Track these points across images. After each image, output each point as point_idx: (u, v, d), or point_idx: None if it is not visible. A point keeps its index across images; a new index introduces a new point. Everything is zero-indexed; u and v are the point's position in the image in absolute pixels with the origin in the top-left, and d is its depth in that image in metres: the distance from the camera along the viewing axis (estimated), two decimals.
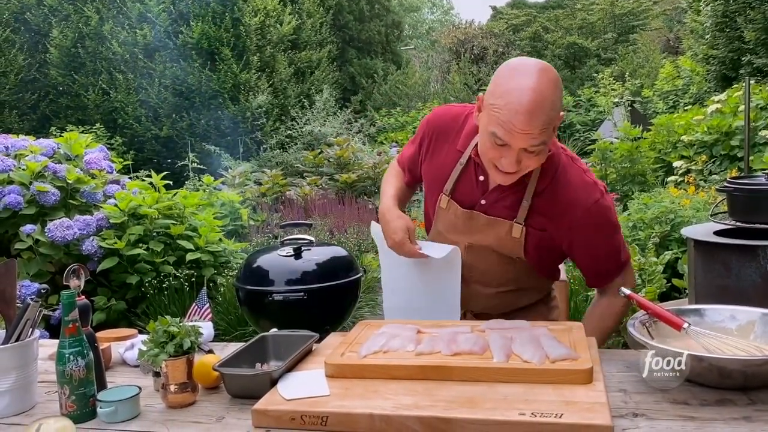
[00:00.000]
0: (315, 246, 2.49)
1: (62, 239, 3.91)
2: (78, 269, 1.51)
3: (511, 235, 1.65)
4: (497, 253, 1.72)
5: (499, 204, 1.68)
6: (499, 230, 1.67)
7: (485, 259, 1.73)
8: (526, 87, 1.44)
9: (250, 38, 14.31)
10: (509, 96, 1.45)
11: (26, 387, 1.44)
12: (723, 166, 6.92)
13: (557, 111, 1.49)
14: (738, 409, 1.18)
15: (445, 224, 1.78)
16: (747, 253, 2.58)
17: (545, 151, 1.54)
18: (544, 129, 1.46)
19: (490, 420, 1.14)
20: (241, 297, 2.53)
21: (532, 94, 1.43)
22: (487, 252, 1.72)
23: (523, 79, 1.46)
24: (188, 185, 8.47)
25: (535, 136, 1.45)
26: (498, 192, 1.68)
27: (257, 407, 1.26)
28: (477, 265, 1.75)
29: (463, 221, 1.73)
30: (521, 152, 1.49)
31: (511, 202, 1.66)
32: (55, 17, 13.96)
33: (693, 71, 14.66)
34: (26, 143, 4.44)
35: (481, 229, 1.70)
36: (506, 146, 1.49)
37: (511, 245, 1.68)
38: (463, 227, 1.73)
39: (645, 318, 1.45)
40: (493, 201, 1.68)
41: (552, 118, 1.47)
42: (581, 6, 32.49)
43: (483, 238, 1.71)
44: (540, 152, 1.51)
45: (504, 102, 1.45)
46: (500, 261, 1.73)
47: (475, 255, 1.74)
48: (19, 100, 14.13)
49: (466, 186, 1.73)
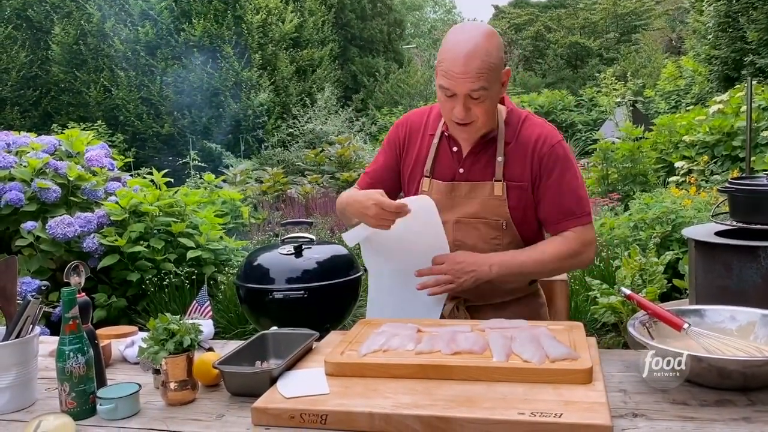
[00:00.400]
0: (316, 244, 2.49)
1: (63, 236, 3.91)
2: (79, 266, 1.51)
3: (494, 194, 1.75)
4: (484, 224, 1.77)
5: (475, 168, 1.78)
6: (482, 193, 1.77)
7: (472, 233, 1.79)
8: (461, 39, 1.65)
9: (252, 36, 14.32)
10: (448, 50, 1.65)
11: (26, 384, 1.44)
12: (725, 166, 6.91)
13: (495, 61, 1.64)
14: (738, 409, 1.18)
15: None
16: (748, 253, 2.58)
17: (491, 100, 1.68)
18: (480, 73, 1.61)
19: (489, 419, 1.13)
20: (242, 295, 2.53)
21: (465, 43, 1.63)
22: (474, 225, 1.78)
23: (459, 35, 1.67)
24: (189, 183, 8.47)
25: (473, 80, 1.61)
26: (472, 157, 1.79)
27: (257, 405, 1.26)
28: (465, 241, 1.79)
29: (446, 196, 1.80)
30: (467, 99, 1.64)
31: (485, 163, 1.78)
32: (57, 14, 13.98)
33: (695, 71, 14.65)
34: (28, 140, 4.45)
35: (465, 199, 1.79)
36: (454, 96, 1.65)
37: (496, 206, 1.76)
38: (447, 202, 1.79)
39: (645, 318, 1.45)
40: (470, 166, 1.79)
41: (489, 64, 1.62)
42: (584, 5, 32.46)
43: (468, 207, 1.78)
44: (485, 99, 1.65)
45: (444, 56, 1.66)
46: (487, 231, 1.78)
47: (463, 230, 1.79)
48: (21, 97, 14.16)
49: (443, 161, 1.83)
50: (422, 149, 1.87)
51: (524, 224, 1.79)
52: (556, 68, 28.74)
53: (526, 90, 21.33)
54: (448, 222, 1.78)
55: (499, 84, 1.69)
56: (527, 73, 26.81)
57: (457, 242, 1.79)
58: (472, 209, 1.77)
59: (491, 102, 1.68)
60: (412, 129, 1.92)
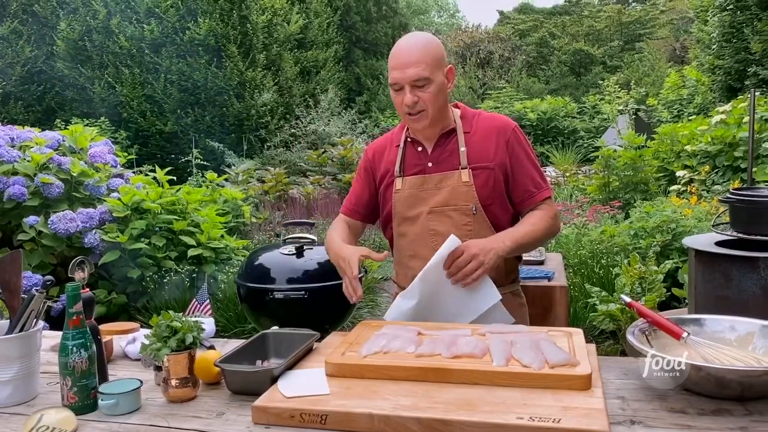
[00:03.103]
0: (317, 245, 2.50)
1: (65, 231, 3.92)
2: (84, 262, 1.52)
3: (462, 180, 1.89)
4: (454, 210, 1.89)
5: (442, 159, 1.93)
6: (451, 181, 1.90)
7: (445, 221, 1.90)
8: (403, 40, 1.89)
9: (257, 36, 14.34)
10: (392, 50, 1.88)
11: (29, 377, 1.45)
12: (726, 176, 6.91)
13: (433, 53, 1.83)
14: (735, 419, 1.18)
15: (404, 204, 1.96)
16: (748, 264, 2.58)
17: (437, 88, 1.83)
18: (419, 61, 1.80)
19: (488, 423, 1.14)
20: (242, 294, 2.54)
21: (405, 41, 1.88)
22: (446, 213, 1.90)
23: (402, 39, 1.91)
24: (191, 181, 8.48)
25: (413, 67, 1.79)
26: (438, 151, 1.94)
27: (257, 404, 1.27)
28: (438, 229, 1.90)
29: (418, 190, 1.94)
30: (413, 88, 1.82)
31: (450, 154, 1.93)
32: (63, 10, 13.99)
33: (698, 81, 14.65)
34: (31, 135, 4.46)
35: (436, 189, 1.92)
36: (402, 89, 1.84)
37: (465, 192, 1.89)
38: (420, 194, 1.93)
39: (645, 326, 1.46)
40: (437, 159, 1.94)
41: (427, 54, 1.81)
42: (588, 13, 32.50)
43: (439, 196, 1.91)
44: (429, 86, 1.82)
45: (391, 56, 1.87)
46: (459, 218, 1.89)
47: (436, 219, 1.91)
48: (25, 92, 14.17)
49: (411, 161, 1.98)
50: (390, 157, 2.02)
51: (492, 206, 1.91)
52: (560, 75, 28.76)
53: (529, 96, 21.34)
54: (422, 213, 1.92)
55: (443, 76, 1.86)
56: (530, 79, 26.82)
57: (431, 231, 1.91)
58: (443, 198, 1.90)
59: (437, 91, 1.83)
60: (378, 149, 2.08)
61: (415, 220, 1.94)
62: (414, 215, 1.94)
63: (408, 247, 1.97)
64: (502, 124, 1.96)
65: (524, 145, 1.96)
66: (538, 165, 1.99)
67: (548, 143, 15.47)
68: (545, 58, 29.96)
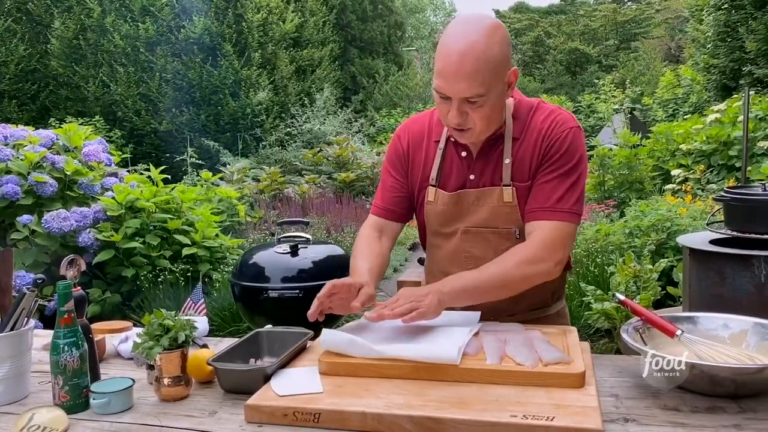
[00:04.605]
0: (312, 244, 2.49)
1: (59, 230, 3.90)
2: (75, 260, 1.51)
3: (503, 200, 1.60)
4: (493, 233, 1.64)
5: (486, 171, 1.62)
6: (491, 200, 1.62)
7: (481, 243, 1.65)
8: (458, 33, 1.45)
9: (252, 35, 14.31)
10: (443, 45, 1.46)
11: (20, 376, 1.44)
12: (720, 175, 6.94)
13: (496, 60, 1.44)
14: (728, 416, 1.18)
15: (437, 219, 1.70)
16: (742, 262, 2.59)
17: (492, 104, 1.50)
18: (476, 75, 1.43)
19: (481, 421, 1.14)
20: (237, 293, 2.53)
21: (460, 39, 1.43)
22: (483, 235, 1.65)
23: (456, 28, 1.47)
24: (186, 180, 8.47)
25: (468, 82, 1.43)
26: (482, 160, 1.63)
27: (250, 402, 1.26)
28: (473, 252, 1.66)
29: (452, 207, 1.66)
30: (463, 103, 1.47)
31: (495, 166, 1.61)
32: (57, 8, 13.94)
33: (693, 80, 14.70)
34: (25, 133, 4.44)
35: (473, 207, 1.64)
36: (449, 99, 1.48)
37: (507, 214, 1.61)
38: (454, 213, 1.66)
39: (639, 324, 1.46)
40: (481, 170, 1.63)
41: (487, 64, 1.43)
42: (584, 12, 32.58)
43: (476, 216, 1.64)
44: (483, 104, 1.47)
45: (439, 52, 1.47)
46: (498, 242, 1.63)
47: (471, 240, 1.66)
48: (19, 90, 14.12)
49: (451, 168, 1.67)
50: (428, 157, 1.71)
51: None
52: (555, 74, 28.83)
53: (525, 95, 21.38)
54: (456, 231, 1.67)
55: (503, 85, 1.50)
56: (526, 78, 26.88)
57: (465, 253, 1.67)
58: (481, 218, 1.63)
59: (492, 107, 1.50)
60: (414, 138, 1.75)
61: (450, 237, 1.69)
62: (448, 232, 1.69)
63: (441, 262, 1.74)
64: (553, 123, 1.59)
65: (569, 151, 1.57)
66: (578, 183, 1.57)
67: None
68: (541, 57, 30.03)
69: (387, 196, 1.78)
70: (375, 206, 1.81)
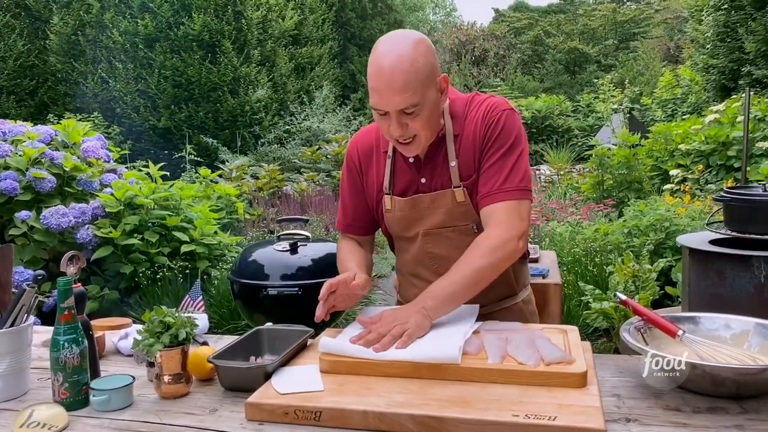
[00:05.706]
0: (311, 242, 2.49)
1: (57, 226, 3.90)
2: (76, 256, 1.50)
3: (456, 201, 1.65)
4: (453, 231, 1.69)
5: (435, 174, 1.67)
6: (444, 202, 1.66)
7: (443, 243, 1.70)
8: (384, 51, 1.51)
9: (252, 32, 14.29)
10: (374, 64, 1.51)
11: (19, 372, 1.43)
12: (719, 175, 6.95)
13: (423, 70, 1.50)
14: (730, 417, 1.18)
15: (397, 225, 1.75)
16: (741, 262, 2.59)
17: (428, 113, 1.55)
18: (406, 87, 1.48)
19: (482, 420, 1.14)
20: (236, 290, 2.53)
21: (387, 55, 1.49)
22: (444, 234, 1.70)
23: (382, 46, 1.53)
24: (185, 177, 8.46)
25: (400, 95, 1.48)
26: (430, 164, 1.67)
27: (251, 400, 1.26)
28: (437, 251, 1.71)
29: (409, 212, 1.71)
30: (401, 115, 1.52)
31: (442, 167, 1.66)
32: (56, 4, 13.91)
33: (692, 80, 14.71)
34: (24, 129, 4.43)
35: (429, 211, 1.69)
36: (387, 114, 1.53)
37: (462, 212, 1.66)
38: (412, 217, 1.71)
39: (640, 324, 1.46)
40: (431, 173, 1.67)
41: (416, 76, 1.49)
42: (583, 11, 32.59)
43: (434, 218, 1.69)
44: (419, 113, 1.52)
45: (371, 71, 1.52)
46: (459, 239, 1.67)
47: (433, 241, 1.71)
48: (18, 86, 14.09)
49: (402, 175, 1.72)
50: (380, 168, 1.76)
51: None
52: (554, 73, 28.83)
53: (524, 94, 21.38)
54: (417, 234, 1.72)
55: (436, 92, 1.56)
56: (525, 77, 26.87)
57: (429, 253, 1.73)
58: (438, 219, 1.68)
59: (429, 114, 1.55)
60: (364, 152, 1.79)
61: (412, 240, 1.75)
62: (410, 236, 1.75)
63: (409, 264, 1.81)
64: (488, 108, 1.63)
65: (505, 131, 1.61)
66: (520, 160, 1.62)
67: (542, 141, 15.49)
68: (540, 57, 30.02)
69: (348, 213, 1.85)
70: (339, 222, 1.88)
